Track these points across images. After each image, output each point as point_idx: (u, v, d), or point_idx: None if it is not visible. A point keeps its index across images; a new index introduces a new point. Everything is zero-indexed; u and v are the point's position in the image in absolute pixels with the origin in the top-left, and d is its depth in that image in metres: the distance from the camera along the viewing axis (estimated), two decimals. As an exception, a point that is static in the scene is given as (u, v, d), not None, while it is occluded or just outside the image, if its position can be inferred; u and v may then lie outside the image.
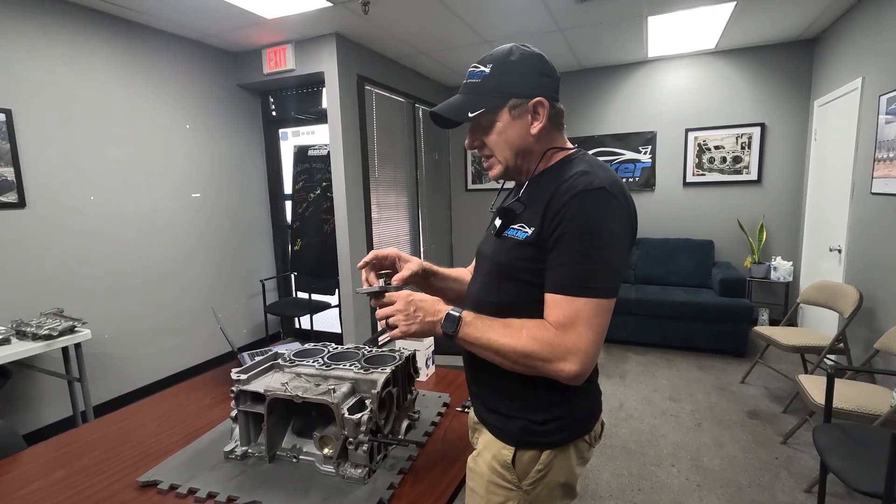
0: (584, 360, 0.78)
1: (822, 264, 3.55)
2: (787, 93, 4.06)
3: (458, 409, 1.38)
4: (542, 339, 0.79)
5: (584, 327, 0.78)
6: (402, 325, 0.88)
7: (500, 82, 0.87)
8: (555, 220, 0.81)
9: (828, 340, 2.74)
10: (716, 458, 2.35)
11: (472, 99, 0.88)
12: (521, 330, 0.82)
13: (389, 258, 1.05)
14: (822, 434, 1.73)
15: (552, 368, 0.79)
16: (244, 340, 4.05)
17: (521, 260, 0.87)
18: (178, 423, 1.37)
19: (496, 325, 0.84)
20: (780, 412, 2.79)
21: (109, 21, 2.96)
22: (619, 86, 4.64)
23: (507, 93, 0.87)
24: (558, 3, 3.05)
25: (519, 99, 0.87)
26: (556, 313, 0.80)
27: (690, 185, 4.47)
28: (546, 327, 0.81)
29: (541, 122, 0.88)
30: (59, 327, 2.30)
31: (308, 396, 1.06)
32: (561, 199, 0.81)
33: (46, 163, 2.68)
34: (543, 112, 0.88)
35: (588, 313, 0.78)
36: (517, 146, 0.90)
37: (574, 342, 0.77)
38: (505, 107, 0.87)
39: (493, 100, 0.87)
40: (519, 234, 0.87)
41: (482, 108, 0.87)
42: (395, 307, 0.89)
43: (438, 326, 0.86)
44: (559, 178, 0.86)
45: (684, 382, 3.24)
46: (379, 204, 4.12)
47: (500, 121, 0.88)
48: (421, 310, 0.88)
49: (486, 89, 0.88)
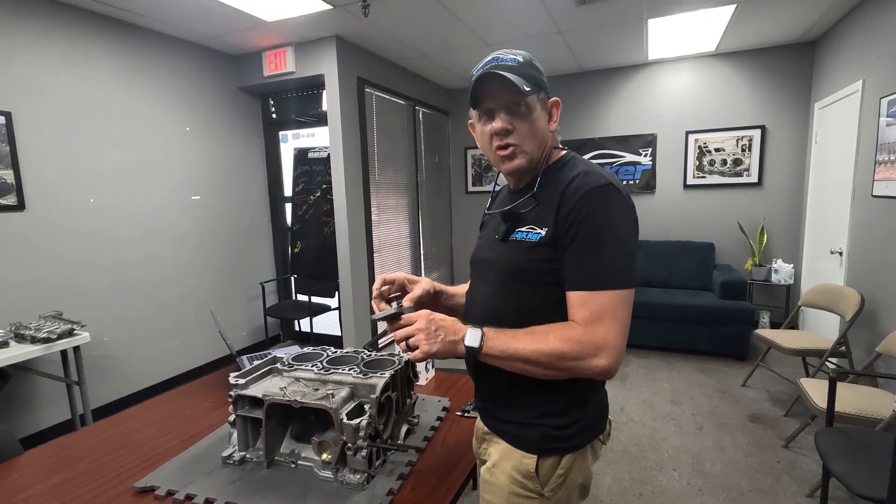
0: (616, 354, 0.79)
1: (824, 267, 3.54)
2: (788, 95, 4.06)
3: (457, 414, 1.37)
4: (570, 339, 0.79)
5: (611, 321, 0.79)
6: (424, 345, 0.84)
7: (533, 73, 0.88)
8: (568, 218, 0.82)
9: (829, 343, 2.73)
10: (717, 462, 2.34)
11: (520, 79, 0.84)
12: (548, 334, 0.81)
13: (397, 282, 1.03)
14: (824, 438, 1.72)
15: (585, 366, 0.79)
16: (244, 343, 4.04)
17: (536, 262, 0.86)
18: (176, 427, 1.36)
19: (520, 335, 0.83)
20: (782, 416, 2.77)
21: (110, 24, 2.97)
22: (620, 88, 4.64)
23: (540, 84, 0.89)
24: (558, 6, 3.06)
25: (545, 95, 0.91)
26: (582, 311, 0.80)
27: (691, 188, 4.46)
28: (572, 326, 0.81)
29: (557, 120, 0.93)
30: (58, 330, 2.29)
31: (306, 401, 1.05)
32: (572, 199, 0.82)
33: (46, 165, 2.67)
34: (557, 113, 0.93)
35: (613, 306, 0.79)
36: (541, 137, 0.90)
37: (604, 337, 0.78)
38: (539, 96, 0.89)
39: (534, 86, 0.87)
40: (531, 236, 0.87)
41: (529, 88, 0.84)
42: (415, 327, 0.86)
43: (461, 345, 0.84)
44: (564, 177, 0.87)
45: (685, 386, 3.23)
46: (379, 206, 4.11)
47: (537, 108, 0.88)
48: (442, 329, 0.85)
49: (527, 74, 0.86)
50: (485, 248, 1.01)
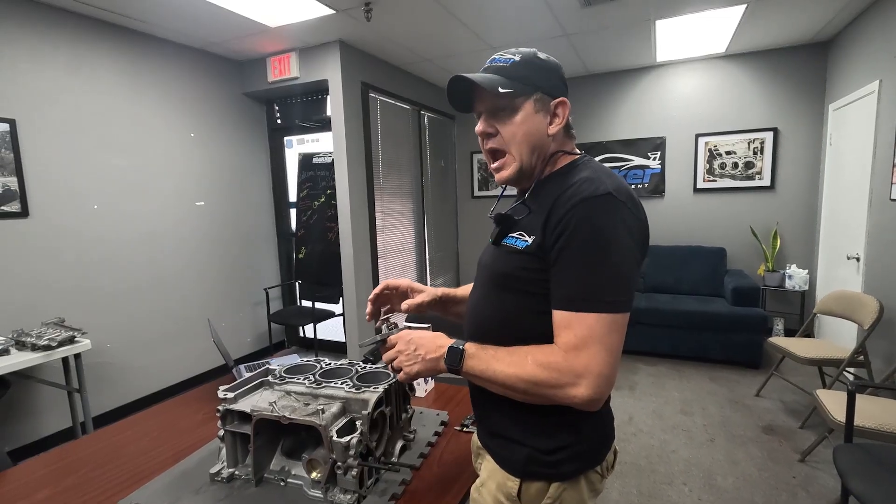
0: (599, 383, 0.71)
1: (840, 273, 3.44)
2: (801, 97, 3.97)
3: (456, 429, 1.32)
4: (548, 365, 0.73)
5: (596, 347, 0.71)
6: (406, 366, 0.84)
7: (529, 73, 0.84)
8: (557, 229, 0.75)
9: (846, 353, 2.64)
10: (729, 476, 2.25)
11: (502, 79, 0.84)
12: (526, 357, 0.76)
13: (401, 288, 1.02)
14: (842, 455, 1.64)
15: (563, 395, 0.73)
16: (248, 349, 4.02)
17: (520, 270, 0.81)
18: (168, 439, 1.33)
19: (500, 354, 0.78)
20: (798, 427, 2.68)
21: (114, 31, 2.98)
22: (628, 91, 4.57)
23: (535, 84, 0.84)
24: (563, 8, 3.01)
25: (544, 95, 0.85)
26: (566, 333, 0.74)
27: (701, 192, 4.37)
28: (553, 351, 0.75)
29: (560, 124, 0.86)
30: (59, 338, 2.28)
31: (295, 418, 1.01)
32: (563, 207, 0.76)
33: (50, 172, 2.68)
34: (564, 113, 0.86)
35: (600, 330, 0.72)
36: (533, 142, 0.85)
37: (585, 364, 0.71)
38: (531, 98, 0.84)
39: (521, 86, 0.83)
40: (518, 243, 0.83)
41: (513, 89, 0.82)
42: (395, 349, 0.86)
43: (442, 362, 0.82)
44: (563, 184, 0.81)
45: (696, 395, 3.14)
46: (383, 211, 4.09)
47: (524, 110, 0.84)
48: (421, 347, 0.83)
49: (516, 74, 0.84)
50: (485, 251, 0.98)
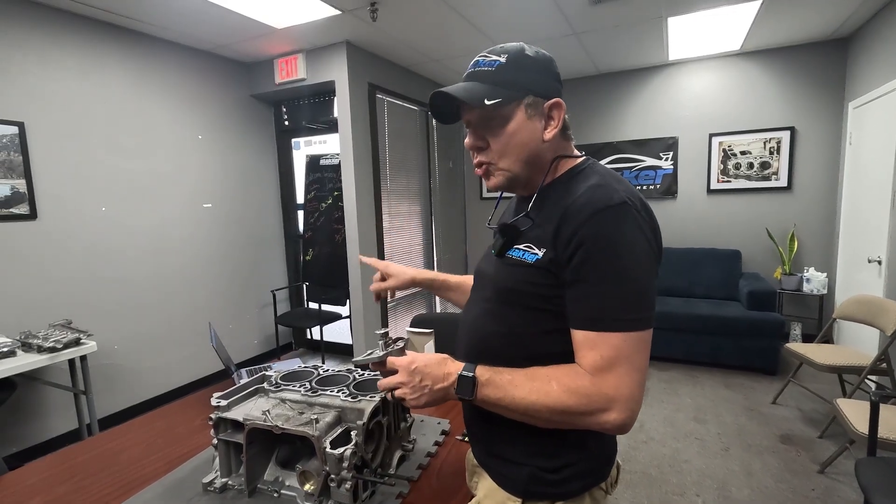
0: (630, 406, 0.67)
1: (861, 276, 3.32)
2: (819, 95, 3.85)
3: (457, 438, 1.28)
4: (577, 391, 0.68)
5: (624, 367, 0.67)
6: (410, 399, 0.77)
7: (517, 75, 0.76)
8: (571, 242, 0.69)
9: (868, 360, 2.53)
10: (745, 487, 2.17)
11: (486, 87, 0.76)
12: (551, 382, 0.70)
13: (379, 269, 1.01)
14: (865, 469, 1.56)
15: (595, 421, 0.68)
16: (255, 352, 4.01)
17: (530, 285, 0.75)
18: (163, 447, 1.31)
19: (518, 379, 0.73)
20: (816, 437, 2.58)
21: (122, 33, 2.99)
22: (639, 90, 4.48)
23: (524, 88, 0.76)
24: (572, 6, 2.95)
25: (535, 98, 0.77)
26: (591, 355, 0.69)
27: (715, 193, 4.27)
28: (579, 374, 0.70)
29: (556, 128, 0.78)
30: (64, 339, 2.28)
31: (288, 427, 0.98)
32: (576, 218, 0.70)
33: (58, 174, 2.70)
34: (559, 116, 0.78)
35: (627, 350, 0.67)
36: (528, 151, 0.78)
37: (616, 387, 0.67)
38: (521, 103, 0.76)
39: (509, 92, 0.76)
40: (527, 256, 0.76)
41: (499, 98, 0.75)
42: (397, 378, 0.78)
43: (451, 391, 0.76)
44: (570, 192, 0.75)
45: (710, 402, 3.05)
46: (391, 213, 4.06)
47: (514, 118, 0.77)
48: (427, 377, 0.76)
49: (502, 80, 0.76)
50: (485, 261, 0.91)
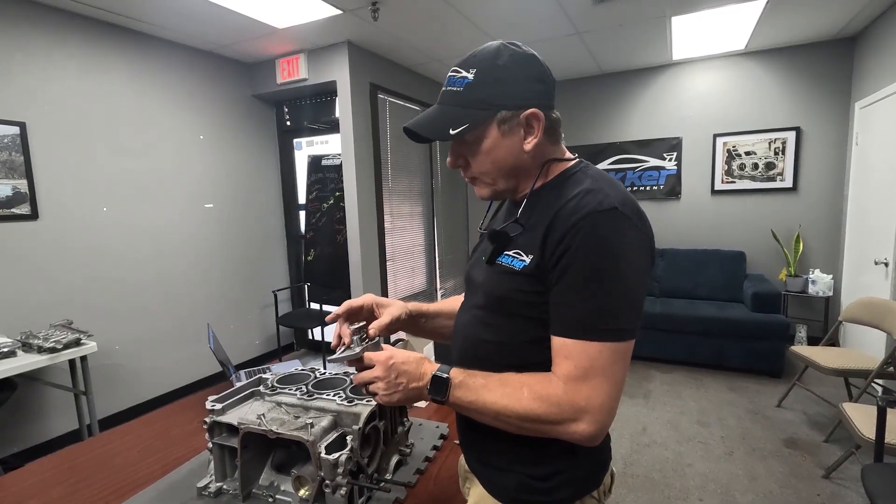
0: (601, 419, 0.66)
1: (867, 278, 3.28)
2: (825, 95, 3.81)
3: (455, 443, 1.26)
4: (547, 399, 0.67)
5: (598, 378, 0.65)
6: (383, 395, 0.75)
7: (486, 91, 0.73)
8: (558, 247, 0.68)
9: (874, 363, 2.50)
10: (749, 492, 2.14)
11: (454, 111, 0.74)
12: (522, 389, 0.69)
13: (365, 307, 0.92)
14: (872, 475, 1.53)
15: (563, 431, 0.67)
16: (256, 352, 4.01)
17: (518, 292, 0.74)
18: (159, 449, 1.30)
19: (492, 384, 0.71)
20: (822, 441, 2.54)
21: (124, 34, 2.99)
22: (642, 90, 4.46)
23: (494, 104, 0.73)
24: (575, 6, 2.93)
25: (509, 111, 0.74)
26: (566, 364, 0.68)
27: (719, 193, 4.23)
28: (551, 382, 0.68)
29: (535, 138, 0.75)
30: (65, 340, 2.28)
31: (282, 432, 0.96)
32: (565, 224, 0.68)
33: (60, 175, 2.70)
34: (538, 126, 0.75)
35: (604, 361, 0.66)
36: (508, 165, 0.77)
37: (588, 398, 0.65)
38: (493, 120, 0.74)
39: (478, 112, 0.73)
40: (515, 263, 0.74)
41: (465, 124, 0.73)
42: (373, 373, 0.77)
43: (425, 391, 0.75)
44: (561, 196, 0.73)
45: (714, 405, 3.02)
46: (392, 213, 4.04)
47: (488, 137, 0.75)
48: (403, 374, 0.75)
49: (470, 100, 0.74)
50: (475, 267, 0.89)
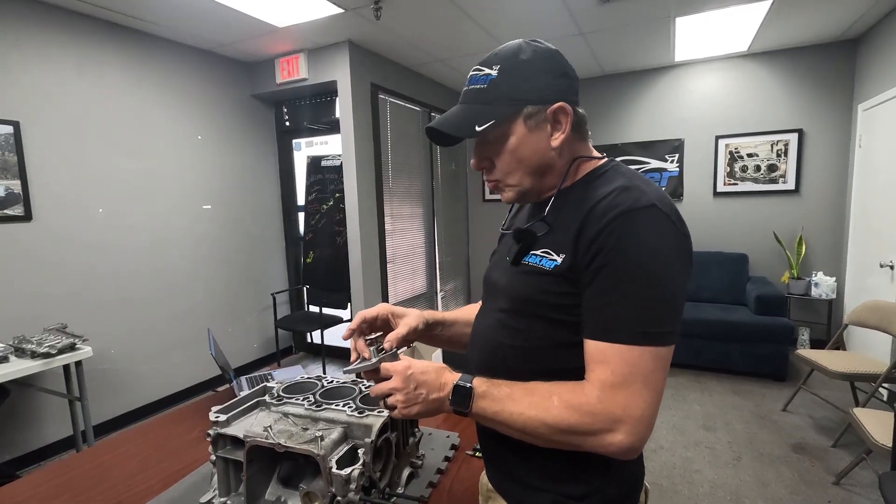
0: (639, 430, 0.61)
1: (871, 281, 3.26)
2: (827, 97, 3.80)
3: (468, 453, 1.21)
4: (580, 407, 0.62)
5: (638, 386, 0.61)
6: (401, 408, 0.71)
7: (510, 87, 0.71)
8: (593, 246, 0.64)
9: (881, 367, 2.48)
10: (759, 499, 2.11)
11: (478, 109, 0.72)
12: (551, 397, 0.64)
13: (380, 317, 0.87)
14: (891, 484, 1.50)
15: (598, 443, 0.62)
16: (255, 355, 3.95)
17: (548, 294, 0.70)
18: (158, 461, 1.24)
19: (517, 393, 0.67)
20: (830, 446, 2.52)
21: (121, 32, 2.94)
22: (644, 92, 4.43)
23: (520, 99, 0.71)
24: (580, 5, 2.90)
25: (535, 106, 0.71)
26: (601, 369, 0.63)
27: (721, 195, 4.22)
28: (583, 390, 0.64)
29: (563, 133, 0.72)
30: (59, 345, 2.22)
31: (291, 445, 0.91)
32: (600, 221, 0.64)
33: (54, 175, 2.64)
34: (566, 120, 0.72)
35: (644, 367, 0.61)
36: (536, 163, 0.73)
37: (624, 406, 0.61)
38: (519, 116, 0.71)
39: (503, 109, 0.71)
40: (544, 263, 0.70)
41: (492, 120, 0.70)
42: (391, 384, 0.72)
43: (446, 403, 0.70)
44: (592, 194, 0.69)
45: (719, 409, 2.99)
46: (393, 215, 4.00)
47: (514, 134, 0.71)
48: (423, 385, 0.71)
49: (495, 96, 0.71)
50: (497, 269, 0.85)
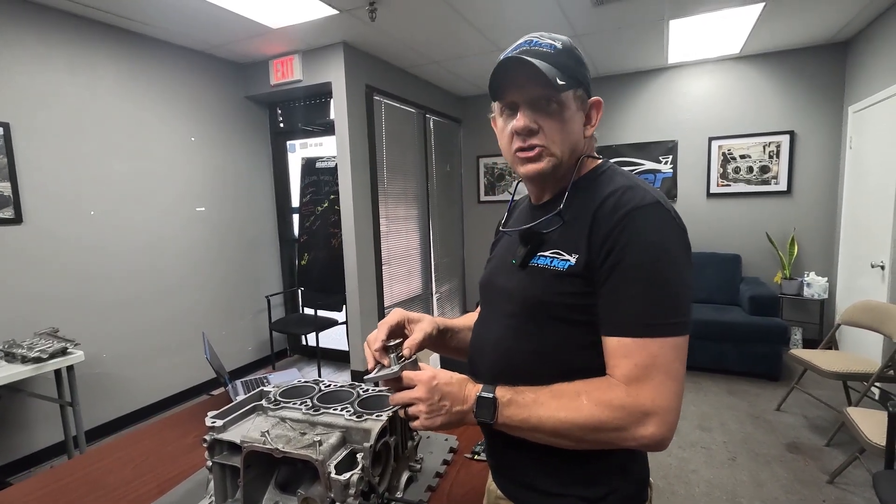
0: (669, 419, 0.62)
1: (863, 281, 3.30)
2: (818, 99, 3.84)
3: (466, 456, 1.21)
4: (610, 404, 0.63)
5: (661, 376, 0.62)
6: (424, 418, 0.70)
7: (572, 64, 0.73)
8: (606, 244, 0.65)
9: (873, 367, 2.51)
10: (755, 499, 2.12)
11: (555, 69, 0.70)
12: (579, 396, 0.64)
13: (399, 324, 0.87)
14: (885, 483, 1.51)
15: (631, 436, 0.63)
16: (249, 358, 3.92)
17: (562, 295, 0.70)
18: (154, 466, 1.23)
19: (543, 397, 0.66)
20: (823, 445, 2.54)
21: (114, 33, 2.91)
22: (638, 93, 4.46)
23: (578, 79, 0.73)
24: (575, 6, 2.91)
25: (584, 92, 0.75)
26: (625, 363, 0.64)
27: (715, 196, 4.25)
28: (611, 385, 0.64)
29: (593, 127, 0.78)
30: (50, 349, 2.19)
31: (289, 451, 0.90)
32: (609, 220, 0.66)
33: (45, 177, 2.60)
34: (597, 116, 0.78)
35: (665, 358, 0.62)
36: (573, 142, 0.75)
37: (652, 398, 0.62)
38: (576, 93, 0.74)
39: (570, 79, 0.71)
40: (557, 264, 0.70)
41: (565, 83, 0.69)
42: (415, 394, 0.72)
43: (470, 415, 0.70)
44: (596, 194, 0.71)
45: (714, 409, 3.00)
46: (388, 217, 3.99)
47: (570, 108, 0.73)
48: (448, 397, 0.70)
49: (563, 64, 0.71)
50: (499, 273, 0.84)
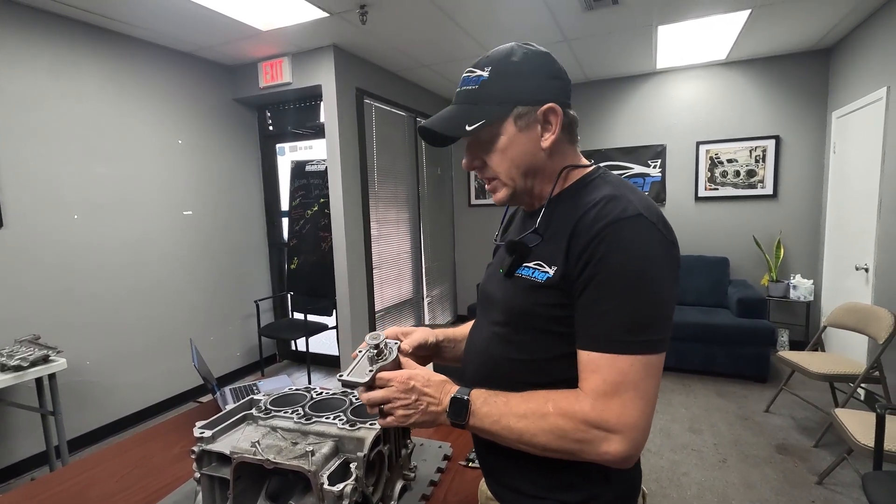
0: (634, 437, 0.61)
1: (848, 283, 3.35)
2: (803, 104, 3.91)
3: (461, 464, 1.20)
4: (574, 416, 0.62)
5: (630, 394, 0.61)
6: (400, 414, 0.70)
7: (501, 87, 0.72)
8: (583, 257, 0.64)
9: (860, 368, 2.54)
10: (746, 500, 2.13)
11: (469, 109, 0.73)
12: (546, 404, 0.64)
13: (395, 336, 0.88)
14: (874, 483, 1.53)
15: (593, 451, 0.63)
16: (237, 364, 3.86)
17: (542, 306, 0.70)
18: (140, 478, 1.19)
19: (514, 402, 0.67)
20: (812, 446, 2.56)
21: (98, 33, 2.86)
22: (627, 98, 4.50)
23: (510, 99, 0.72)
24: (565, 12, 2.93)
25: (525, 106, 0.72)
26: (594, 378, 0.63)
27: (703, 200, 4.30)
28: (579, 398, 0.64)
29: (553, 134, 0.73)
30: (31, 357, 2.13)
31: (280, 462, 0.88)
32: (588, 232, 0.65)
33: (28, 180, 2.54)
34: (556, 120, 0.73)
35: (635, 375, 0.61)
36: (526, 164, 0.74)
37: (619, 415, 0.61)
38: (509, 117, 0.72)
39: (494, 108, 0.72)
40: (537, 275, 0.70)
41: (482, 120, 0.71)
42: (390, 391, 0.71)
43: (444, 415, 0.70)
44: (580, 203, 0.70)
45: (704, 411, 3.03)
46: (378, 220, 3.97)
47: (504, 134, 0.73)
48: (424, 398, 0.71)
49: (486, 96, 0.73)
50: (491, 281, 0.84)
